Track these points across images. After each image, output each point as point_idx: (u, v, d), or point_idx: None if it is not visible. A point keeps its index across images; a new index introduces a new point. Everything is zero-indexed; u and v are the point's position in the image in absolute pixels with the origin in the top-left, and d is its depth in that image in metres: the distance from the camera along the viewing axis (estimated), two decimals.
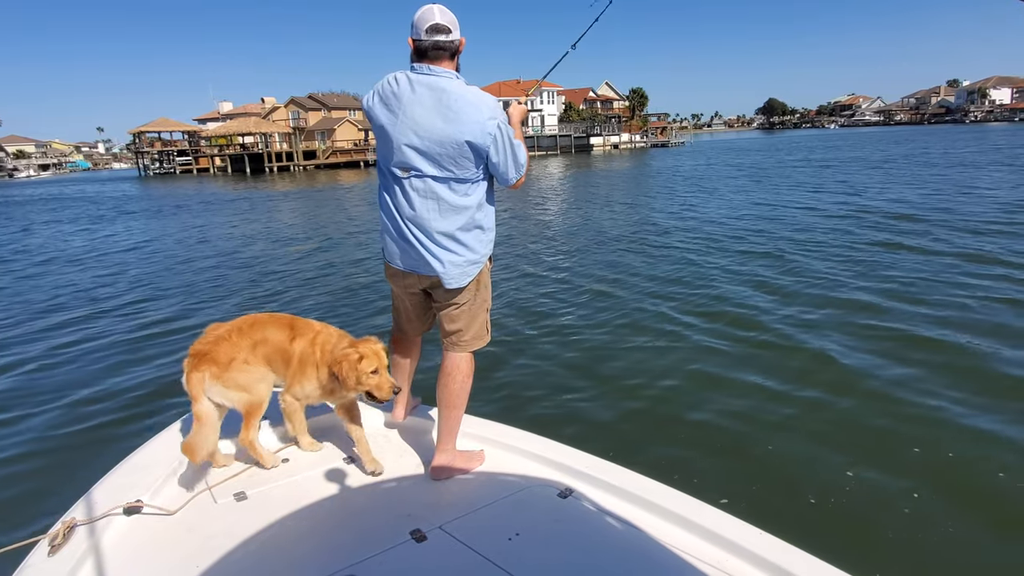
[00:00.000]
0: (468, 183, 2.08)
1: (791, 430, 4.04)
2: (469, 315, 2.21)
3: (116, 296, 8.98)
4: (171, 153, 63.26)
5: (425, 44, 1.99)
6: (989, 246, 8.99)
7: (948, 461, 3.62)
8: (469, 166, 2.04)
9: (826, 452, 3.75)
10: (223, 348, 2.14)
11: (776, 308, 6.60)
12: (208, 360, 2.11)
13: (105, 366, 5.97)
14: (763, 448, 3.83)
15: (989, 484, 3.37)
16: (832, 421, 4.14)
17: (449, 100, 1.98)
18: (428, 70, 2.01)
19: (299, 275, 9.86)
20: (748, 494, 3.29)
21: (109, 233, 17.17)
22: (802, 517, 3.11)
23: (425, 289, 2.23)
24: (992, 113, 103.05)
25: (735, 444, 3.89)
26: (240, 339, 2.18)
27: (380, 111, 2.06)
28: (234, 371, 2.13)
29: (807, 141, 63.72)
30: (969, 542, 2.94)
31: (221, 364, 2.11)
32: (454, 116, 1.97)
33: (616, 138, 71.50)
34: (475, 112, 1.98)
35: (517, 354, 5.62)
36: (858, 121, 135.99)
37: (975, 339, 5.36)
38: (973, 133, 56.81)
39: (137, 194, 35.04)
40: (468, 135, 1.97)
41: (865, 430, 4.00)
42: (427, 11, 1.99)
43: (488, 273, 2.26)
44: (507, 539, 1.80)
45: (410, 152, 2.02)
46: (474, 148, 2.00)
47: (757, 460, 3.70)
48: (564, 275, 8.84)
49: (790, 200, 16.24)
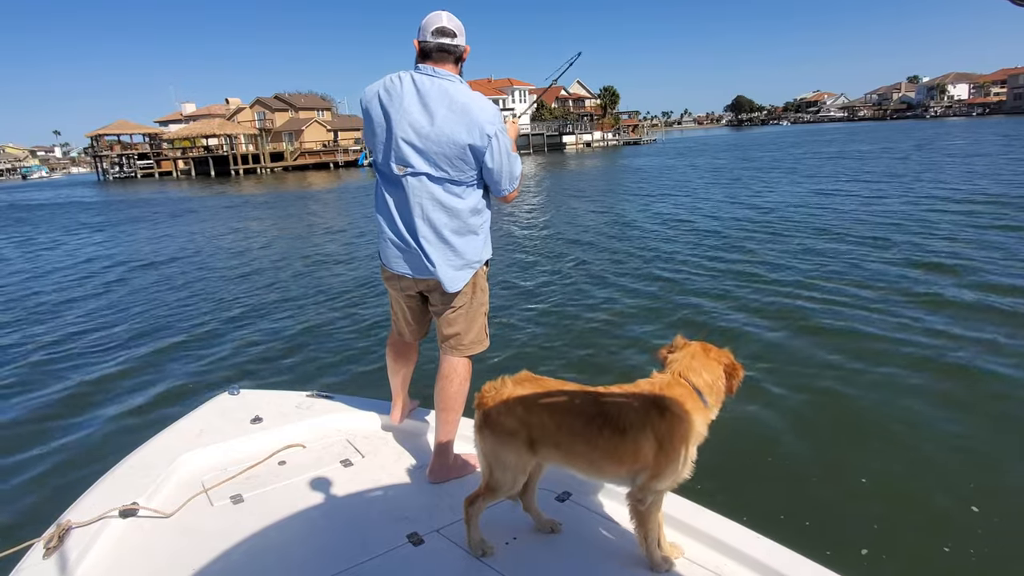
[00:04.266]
0: (463, 186, 2.07)
1: (791, 432, 3.97)
2: (466, 319, 2.21)
3: (106, 299, 8.46)
4: (131, 156, 60.97)
5: (430, 45, 2.02)
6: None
7: (951, 464, 3.55)
8: (466, 168, 2.04)
9: (827, 453, 3.72)
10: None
11: (776, 309, 6.36)
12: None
13: (99, 368, 5.96)
14: (762, 450, 3.78)
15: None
16: (833, 421, 4.06)
17: (450, 101, 1.99)
18: (432, 71, 2.03)
19: (288, 290, 9.25)
20: (745, 498, 3.24)
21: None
22: (800, 521, 3.07)
23: (422, 292, 2.22)
24: (951, 108, 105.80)
25: (732, 446, 3.76)
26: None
27: (380, 108, 2.05)
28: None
29: (762, 139, 64.39)
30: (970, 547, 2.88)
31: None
32: (455, 117, 1.97)
33: (589, 136, 71.50)
34: (476, 115, 1.98)
35: (516, 358, 5.56)
36: (823, 117, 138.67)
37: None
38: (921, 130, 57.97)
39: (95, 200, 33.60)
40: (467, 136, 1.98)
41: (867, 430, 3.95)
42: (435, 15, 2.03)
43: (484, 277, 2.25)
44: (504, 543, 1.79)
45: (407, 149, 2.01)
46: (472, 150, 2.00)
47: (755, 463, 3.65)
48: (560, 279, 8.68)
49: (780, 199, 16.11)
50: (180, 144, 58.21)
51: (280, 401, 2.79)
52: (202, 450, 2.36)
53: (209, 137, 56.95)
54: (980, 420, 4.02)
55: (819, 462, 3.65)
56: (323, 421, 2.61)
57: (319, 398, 2.81)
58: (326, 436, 2.53)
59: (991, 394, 4.34)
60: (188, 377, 5.66)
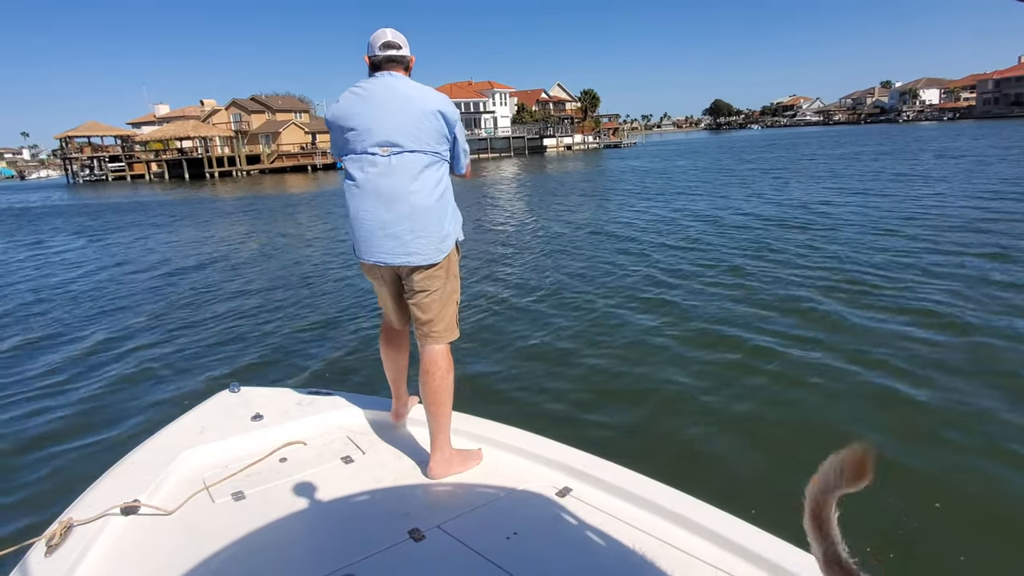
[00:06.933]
0: (438, 159, 2.22)
1: (793, 433, 3.93)
2: (440, 303, 2.26)
3: (114, 296, 8.38)
4: (102, 159, 59.37)
5: (379, 58, 2.21)
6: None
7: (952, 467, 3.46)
8: (441, 140, 2.21)
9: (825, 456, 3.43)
10: None
11: (777, 309, 6.19)
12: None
13: (99, 367, 5.98)
14: (763, 447, 3.76)
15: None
16: (835, 424, 4.00)
17: (412, 86, 2.22)
18: (388, 74, 2.21)
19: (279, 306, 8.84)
20: (747, 492, 3.21)
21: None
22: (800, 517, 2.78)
23: (398, 274, 2.28)
24: (923, 112, 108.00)
25: (735, 443, 3.82)
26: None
27: (353, 106, 2.18)
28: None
29: (729, 143, 65.27)
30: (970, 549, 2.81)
31: None
32: (422, 97, 2.18)
33: (569, 139, 71.61)
34: (436, 94, 2.23)
35: (515, 353, 5.61)
36: (799, 121, 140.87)
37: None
38: (890, 134, 59.09)
39: (68, 204, 32.58)
40: (439, 106, 2.18)
41: (884, 427, 3.90)
42: (380, 32, 2.22)
43: (456, 262, 2.33)
44: (505, 538, 1.79)
45: (390, 130, 2.14)
46: (445, 118, 2.19)
47: (756, 459, 3.64)
48: (555, 273, 8.72)
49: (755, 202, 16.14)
50: (153, 147, 56.85)
51: (281, 398, 2.80)
52: (203, 447, 2.37)
53: (183, 139, 55.69)
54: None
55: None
56: (324, 418, 2.62)
57: (320, 395, 2.82)
58: (327, 433, 2.55)
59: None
60: (189, 375, 5.63)
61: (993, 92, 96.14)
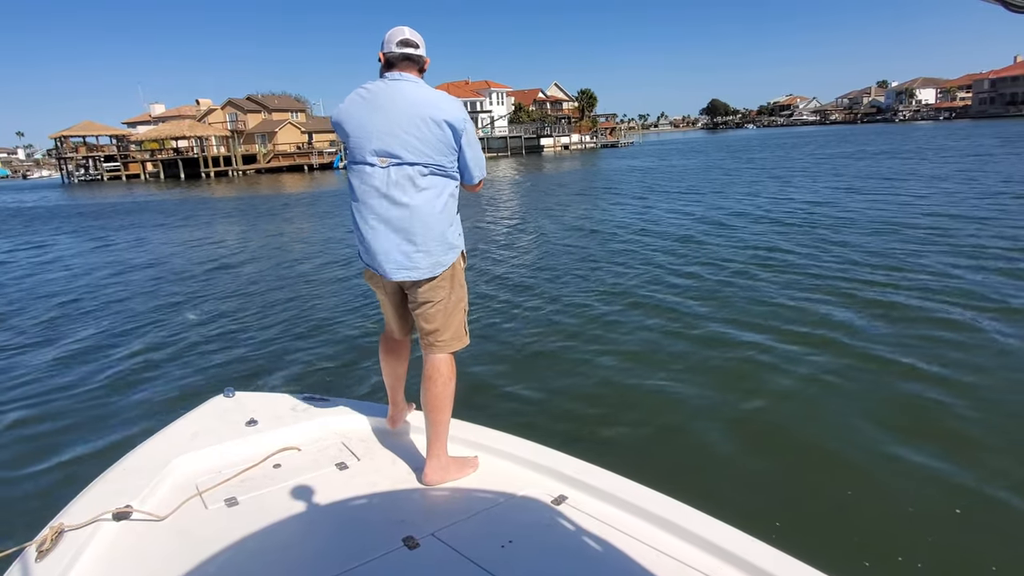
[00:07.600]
0: (441, 172, 2.14)
1: (789, 441, 3.90)
2: (445, 314, 2.22)
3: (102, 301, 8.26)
4: (98, 158, 59.07)
5: (395, 55, 2.13)
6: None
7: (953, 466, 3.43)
8: (446, 151, 2.12)
9: (828, 455, 3.66)
10: None
11: (776, 315, 6.11)
12: None
13: (92, 372, 5.90)
14: (759, 456, 3.72)
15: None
16: (835, 424, 4.01)
17: (422, 91, 2.12)
18: (399, 76, 2.13)
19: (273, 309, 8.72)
20: (742, 501, 3.19)
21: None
22: (800, 526, 3.01)
23: (401, 286, 2.25)
24: (919, 112, 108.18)
25: (732, 451, 3.79)
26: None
27: (355, 109, 2.13)
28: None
29: (727, 142, 65.30)
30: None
31: None
32: (430, 104, 2.09)
33: (566, 139, 71.58)
34: (447, 102, 2.13)
35: (511, 360, 5.54)
36: (796, 121, 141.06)
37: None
38: (886, 134, 59.17)
39: (65, 204, 32.37)
40: (446, 115, 2.08)
41: (868, 431, 3.89)
42: (398, 29, 2.15)
43: (462, 271, 2.28)
44: (500, 546, 1.77)
45: (389, 140, 2.08)
46: (452, 129, 2.10)
47: (753, 467, 3.61)
48: (551, 276, 8.62)
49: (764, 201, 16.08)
50: (148, 146, 56.60)
51: (275, 404, 2.78)
52: (196, 453, 2.34)
53: (179, 139, 55.50)
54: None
55: (820, 466, 3.55)
56: (318, 424, 2.60)
57: (315, 401, 2.80)
58: (321, 439, 2.52)
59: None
60: (182, 380, 5.57)
61: (989, 92, 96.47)
